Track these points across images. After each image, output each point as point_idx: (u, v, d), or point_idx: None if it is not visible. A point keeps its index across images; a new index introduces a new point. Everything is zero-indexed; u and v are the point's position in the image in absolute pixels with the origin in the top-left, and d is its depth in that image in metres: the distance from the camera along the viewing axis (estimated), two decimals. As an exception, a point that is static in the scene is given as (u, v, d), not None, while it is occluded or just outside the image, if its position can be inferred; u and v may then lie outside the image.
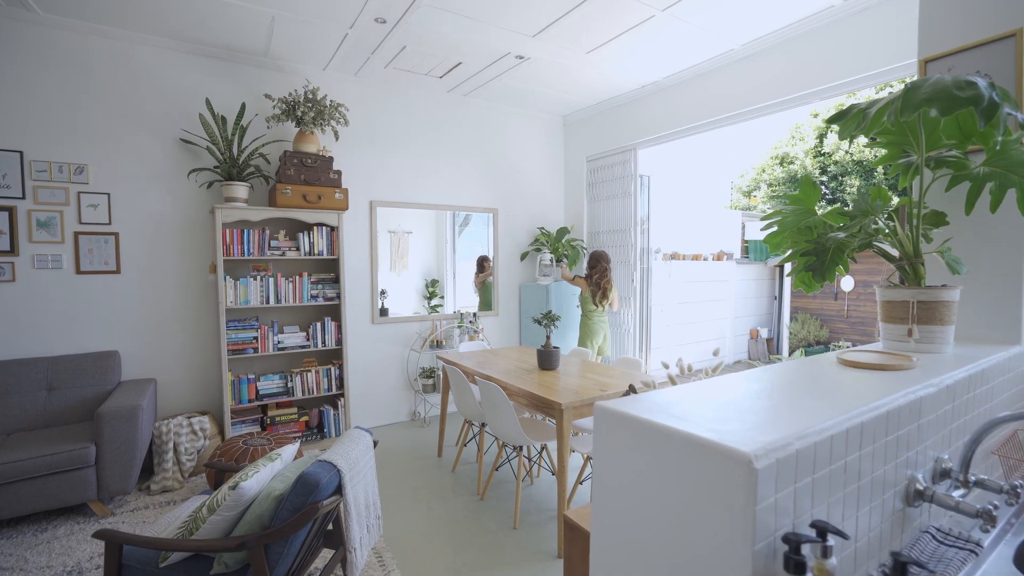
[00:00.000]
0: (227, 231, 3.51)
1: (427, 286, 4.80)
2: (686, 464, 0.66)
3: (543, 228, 5.25)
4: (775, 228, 1.61)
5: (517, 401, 2.82)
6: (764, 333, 8.33)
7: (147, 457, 3.24)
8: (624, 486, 0.75)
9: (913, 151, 1.35)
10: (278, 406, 3.83)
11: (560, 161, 5.51)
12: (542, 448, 3.29)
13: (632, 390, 1.13)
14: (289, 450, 2.03)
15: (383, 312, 4.48)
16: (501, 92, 4.62)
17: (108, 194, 3.38)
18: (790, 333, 8.02)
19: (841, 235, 1.46)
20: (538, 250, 5.21)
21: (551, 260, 5.05)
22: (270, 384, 3.75)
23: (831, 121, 1.25)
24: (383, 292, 4.48)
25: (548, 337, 3.18)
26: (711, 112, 3.97)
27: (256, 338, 3.65)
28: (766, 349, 8.26)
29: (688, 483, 0.66)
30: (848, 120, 1.18)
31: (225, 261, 3.56)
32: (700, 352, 7.56)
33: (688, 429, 0.67)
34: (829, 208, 1.61)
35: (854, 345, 7.62)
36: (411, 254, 4.67)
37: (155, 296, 3.56)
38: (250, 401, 3.65)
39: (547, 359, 3.11)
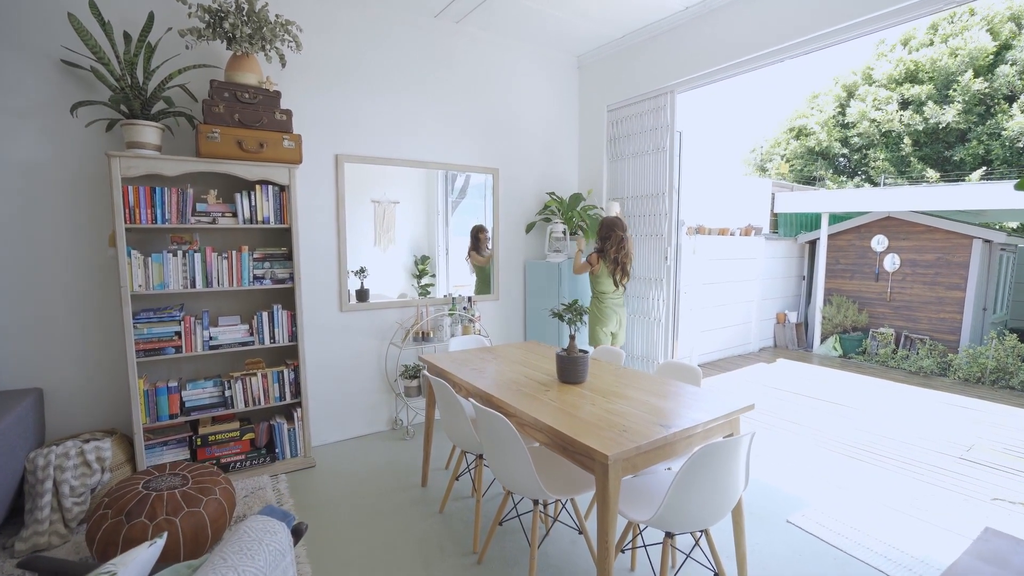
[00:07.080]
0: (131, 189, 2.55)
1: (416, 263, 3.88)
2: None
3: (553, 193, 4.30)
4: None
5: (530, 435, 1.94)
6: (792, 317, 7.48)
7: (20, 497, 2.36)
8: None
9: None
10: (214, 421, 2.95)
11: (574, 112, 4.53)
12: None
13: None
14: (138, 561, 1.14)
15: (360, 296, 3.57)
16: (504, 17, 3.61)
17: (-45, 134, 2.42)
18: (824, 318, 7.16)
19: None
20: (547, 220, 4.27)
21: (563, 232, 4.12)
22: (200, 393, 2.86)
23: None
24: (363, 271, 3.57)
25: (572, 338, 2.28)
26: (774, 39, 3.01)
27: (179, 333, 2.74)
28: (795, 335, 7.42)
29: None
30: None
31: (130, 230, 2.61)
32: (725, 340, 6.71)
33: None
34: None
35: (898, 332, 6.78)
36: (398, 227, 3.75)
37: (34, 277, 2.63)
38: (172, 416, 2.76)
39: (572, 369, 2.22)
